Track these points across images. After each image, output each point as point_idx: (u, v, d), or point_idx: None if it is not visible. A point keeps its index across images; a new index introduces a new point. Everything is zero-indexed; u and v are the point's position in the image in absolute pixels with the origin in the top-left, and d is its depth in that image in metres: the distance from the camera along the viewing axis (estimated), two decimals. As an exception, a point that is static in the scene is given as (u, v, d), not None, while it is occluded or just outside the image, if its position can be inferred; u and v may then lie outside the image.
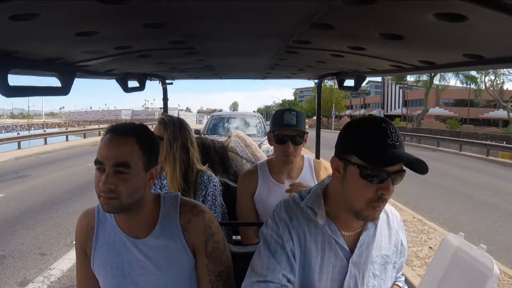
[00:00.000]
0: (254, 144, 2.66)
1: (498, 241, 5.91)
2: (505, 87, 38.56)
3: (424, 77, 37.14)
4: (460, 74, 35.64)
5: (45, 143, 20.83)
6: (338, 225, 1.12)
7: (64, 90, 1.35)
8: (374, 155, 0.99)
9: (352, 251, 1.12)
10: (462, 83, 38.40)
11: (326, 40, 1.21)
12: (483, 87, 37.11)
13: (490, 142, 20.06)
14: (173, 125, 1.89)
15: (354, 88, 2.22)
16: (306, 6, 0.83)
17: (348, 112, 67.75)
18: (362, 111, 63.20)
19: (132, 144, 1.11)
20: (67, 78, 1.35)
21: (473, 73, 34.24)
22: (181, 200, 1.26)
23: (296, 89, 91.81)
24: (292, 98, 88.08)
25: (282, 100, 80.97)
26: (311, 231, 1.11)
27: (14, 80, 1.06)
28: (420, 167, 0.98)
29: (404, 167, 1.02)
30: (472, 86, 37.56)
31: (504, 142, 19.85)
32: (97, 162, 1.09)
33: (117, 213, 1.17)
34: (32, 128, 27.76)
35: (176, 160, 1.87)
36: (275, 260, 1.09)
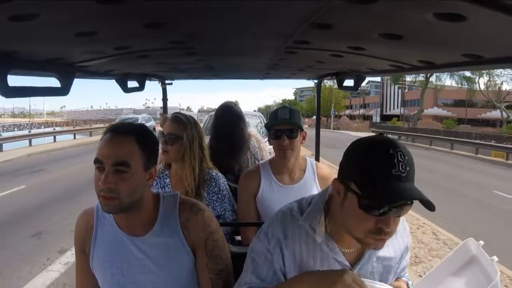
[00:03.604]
0: (266, 149, 2.69)
1: (474, 229, 6.69)
2: (502, 88, 38.70)
3: (421, 78, 37.27)
4: (455, 75, 36.00)
5: (54, 140, 21.97)
6: (339, 242, 1.07)
7: (63, 90, 1.35)
8: (375, 188, 0.89)
9: (353, 264, 1.10)
10: (457, 83, 38.91)
11: (326, 40, 1.21)
12: (481, 87, 37.40)
13: (479, 141, 20.52)
14: (190, 124, 1.92)
15: (354, 88, 2.22)
16: (305, 6, 0.83)
17: (348, 112, 67.75)
18: (361, 111, 63.28)
19: (132, 143, 1.11)
20: (67, 78, 1.35)
21: (468, 74, 34.61)
22: (180, 199, 1.26)
23: (297, 88, 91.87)
24: (292, 97, 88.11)
25: (282, 100, 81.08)
26: (309, 248, 1.08)
27: (14, 80, 1.07)
28: (427, 205, 0.89)
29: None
30: (467, 86, 37.65)
31: (493, 141, 20.17)
32: (96, 161, 1.09)
33: (117, 213, 1.17)
34: (42, 127, 29.06)
35: (196, 158, 1.90)
36: (259, 277, 1.09)
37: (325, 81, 2.81)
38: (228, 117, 2.56)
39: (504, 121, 33.40)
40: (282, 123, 1.85)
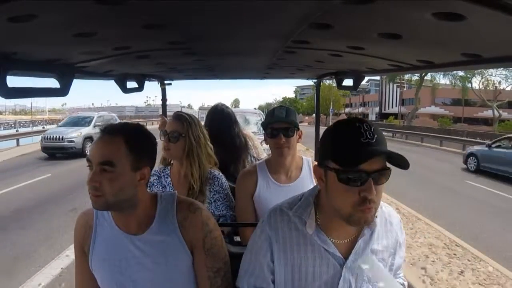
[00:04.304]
0: (260, 147, 2.69)
1: (434, 207, 8.35)
2: (500, 87, 39.01)
3: (416, 77, 38.18)
4: (449, 74, 36.67)
5: None
6: (330, 233, 1.10)
7: (62, 91, 1.35)
8: (346, 155, 0.95)
9: (345, 257, 1.11)
10: (450, 82, 39.74)
11: (325, 40, 1.21)
12: (476, 87, 38.16)
13: (465, 138, 21.73)
14: (194, 122, 1.93)
15: (353, 87, 2.22)
16: (304, 6, 0.83)
17: (347, 110, 67.78)
18: (361, 109, 63.34)
19: (118, 143, 1.12)
20: (66, 79, 1.35)
21: (461, 73, 35.21)
22: (178, 198, 1.27)
23: (297, 86, 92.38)
24: (293, 95, 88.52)
25: (282, 98, 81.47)
26: (299, 241, 1.10)
27: (13, 80, 1.07)
28: (399, 162, 0.94)
29: (388, 164, 0.97)
30: (460, 85, 38.34)
31: (478, 138, 21.39)
32: (87, 159, 1.12)
33: (104, 210, 1.20)
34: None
35: (203, 155, 1.93)
36: (249, 271, 1.15)
37: (324, 80, 2.81)
38: (221, 119, 2.57)
39: (496, 120, 34.18)
40: (279, 121, 1.86)
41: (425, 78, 38.61)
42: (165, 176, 2.00)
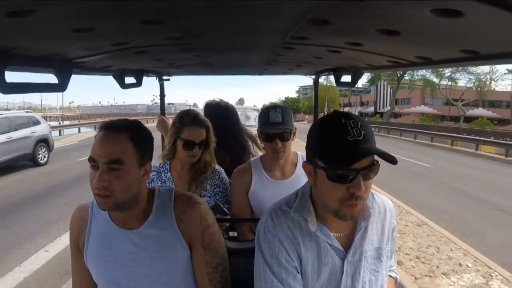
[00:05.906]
0: (260, 145, 2.69)
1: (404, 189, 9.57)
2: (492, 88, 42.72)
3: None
4: (423, 78, 41.96)
5: (94, 129, 25.19)
6: (329, 227, 1.09)
7: (61, 86, 1.35)
8: (335, 156, 0.95)
9: (346, 250, 1.10)
10: (424, 83, 43.54)
11: (323, 36, 1.21)
12: (473, 86, 42.09)
13: (436, 132, 24.75)
14: (210, 125, 1.95)
15: (351, 84, 2.22)
16: (303, 1, 0.83)
17: (346, 109, 68.01)
18: (358, 108, 63.72)
19: (125, 140, 1.11)
20: (64, 74, 1.35)
21: (431, 76, 40.53)
22: (176, 193, 1.26)
23: (300, 86, 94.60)
24: (295, 95, 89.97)
25: (285, 98, 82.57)
26: (304, 239, 1.09)
27: (11, 76, 1.06)
28: (387, 157, 0.94)
29: (376, 158, 0.97)
30: (428, 87, 43.23)
31: (438, 132, 25.01)
32: (90, 159, 1.09)
33: (113, 210, 1.17)
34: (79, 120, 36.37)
35: (212, 153, 1.98)
36: (278, 281, 1.06)
37: (320, 80, 2.81)
38: (226, 117, 2.54)
39: (461, 117, 38.60)
40: (275, 127, 1.83)
41: (414, 78, 43.65)
42: (164, 171, 1.99)
